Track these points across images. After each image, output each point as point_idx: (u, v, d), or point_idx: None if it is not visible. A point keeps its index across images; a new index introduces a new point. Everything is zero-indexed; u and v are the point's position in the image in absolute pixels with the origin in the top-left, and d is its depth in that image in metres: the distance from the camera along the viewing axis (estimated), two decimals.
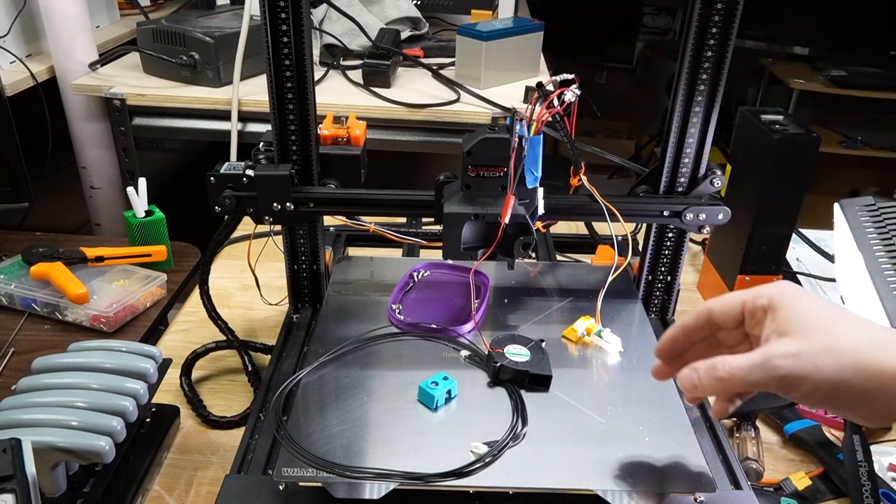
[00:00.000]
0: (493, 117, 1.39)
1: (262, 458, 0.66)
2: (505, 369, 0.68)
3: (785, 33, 3.21)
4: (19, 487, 0.51)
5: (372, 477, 0.57)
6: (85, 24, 1.45)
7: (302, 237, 0.84)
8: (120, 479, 0.68)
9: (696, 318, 0.54)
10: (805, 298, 0.48)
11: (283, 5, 0.70)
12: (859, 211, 0.86)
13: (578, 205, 0.79)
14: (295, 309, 0.90)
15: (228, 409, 0.81)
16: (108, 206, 1.60)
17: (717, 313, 0.52)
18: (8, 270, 1.07)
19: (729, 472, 0.67)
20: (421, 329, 0.76)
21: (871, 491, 0.67)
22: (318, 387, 0.68)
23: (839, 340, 0.45)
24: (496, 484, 0.58)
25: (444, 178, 0.75)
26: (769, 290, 0.50)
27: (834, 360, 0.44)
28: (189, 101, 1.41)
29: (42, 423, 0.60)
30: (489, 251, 0.72)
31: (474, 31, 1.46)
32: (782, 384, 0.46)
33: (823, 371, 0.44)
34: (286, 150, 0.78)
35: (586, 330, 0.76)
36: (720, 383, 0.48)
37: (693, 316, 0.54)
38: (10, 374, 0.92)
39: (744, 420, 0.80)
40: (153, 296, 1.08)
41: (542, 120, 0.68)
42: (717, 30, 0.72)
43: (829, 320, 0.46)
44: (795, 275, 1.10)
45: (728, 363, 0.47)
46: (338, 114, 0.83)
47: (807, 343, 0.46)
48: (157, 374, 0.68)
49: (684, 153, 0.79)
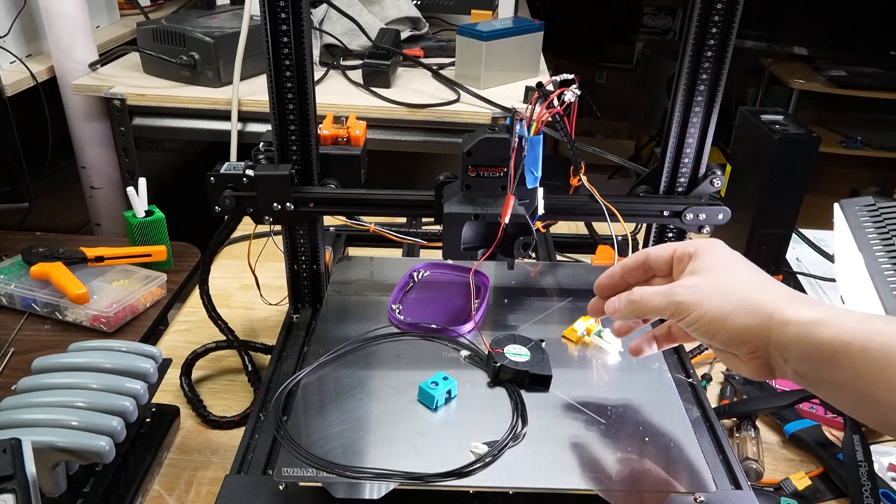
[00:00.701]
0: (493, 117, 1.39)
1: (262, 458, 0.66)
2: (505, 369, 0.68)
3: (785, 33, 3.21)
4: (19, 487, 0.51)
5: (372, 477, 0.57)
6: (85, 24, 1.45)
7: (302, 237, 0.84)
8: (120, 479, 0.68)
9: (633, 258, 0.60)
10: (723, 250, 0.55)
11: (283, 5, 0.70)
12: (859, 211, 0.86)
13: (578, 205, 0.79)
14: (295, 309, 0.90)
15: (228, 409, 0.81)
16: (108, 206, 1.60)
17: (653, 256, 0.59)
18: (8, 270, 1.07)
19: (729, 472, 0.67)
20: (421, 329, 0.76)
21: (871, 491, 0.67)
22: (318, 387, 0.68)
23: (732, 280, 0.52)
24: (496, 484, 0.58)
25: (444, 178, 0.75)
26: (697, 242, 0.57)
27: (722, 293, 0.51)
28: (189, 101, 1.41)
29: (42, 423, 0.60)
30: (489, 251, 0.72)
31: (474, 31, 1.46)
32: (677, 309, 0.53)
33: (711, 302, 0.51)
34: (286, 150, 0.78)
35: (586, 330, 0.76)
36: (632, 304, 0.56)
37: (632, 257, 0.61)
38: (10, 374, 0.92)
39: (744, 420, 0.80)
40: (153, 296, 1.08)
41: (542, 120, 0.68)
42: (717, 30, 0.72)
43: (734, 267, 0.53)
44: (795, 275, 1.10)
45: (642, 290, 0.56)
46: (338, 114, 0.83)
47: (705, 279, 0.53)
48: (157, 374, 0.68)
49: (684, 153, 0.79)
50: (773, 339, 0.49)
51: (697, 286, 0.52)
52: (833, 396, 0.48)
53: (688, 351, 0.87)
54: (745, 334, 0.50)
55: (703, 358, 0.93)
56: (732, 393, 0.86)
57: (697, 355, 0.92)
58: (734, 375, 0.89)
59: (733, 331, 0.50)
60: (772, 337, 0.49)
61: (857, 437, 0.70)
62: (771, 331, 0.49)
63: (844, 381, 0.46)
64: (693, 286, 0.53)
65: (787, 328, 0.48)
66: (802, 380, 0.49)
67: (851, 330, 0.45)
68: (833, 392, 0.48)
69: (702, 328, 0.52)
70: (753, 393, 0.85)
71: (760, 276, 0.53)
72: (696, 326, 0.52)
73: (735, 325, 0.50)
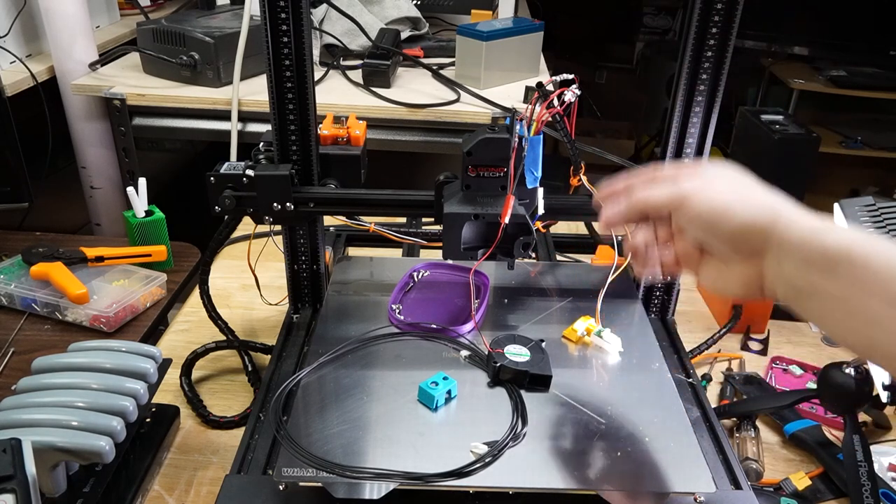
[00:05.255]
0: (493, 117, 1.39)
1: (262, 458, 0.66)
2: (505, 369, 0.68)
3: (785, 33, 3.21)
4: (19, 487, 0.51)
5: (372, 477, 0.57)
6: (85, 24, 1.45)
7: (302, 237, 0.84)
8: (120, 479, 0.68)
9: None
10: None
11: (283, 5, 0.70)
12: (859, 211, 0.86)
13: (578, 205, 0.79)
14: (295, 309, 0.90)
15: (228, 409, 0.81)
16: (108, 206, 1.59)
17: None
18: (8, 270, 1.07)
19: (729, 472, 0.67)
20: (421, 329, 0.76)
21: (871, 491, 0.67)
22: (318, 387, 0.68)
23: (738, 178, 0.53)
24: (496, 484, 0.58)
25: (444, 178, 0.75)
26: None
27: (729, 185, 0.52)
28: (189, 101, 1.41)
29: (42, 423, 0.60)
30: (489, 251, 0.72)
31: (474, 31, 1.46)
32: (684, 199, 0.52)
33: (717, 191, 0.52)
34: (286, 150, 0.78)
35: (586, 330, 0.76)
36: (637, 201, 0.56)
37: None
38: (10, 374, 0.92)
39: (744, 420, 0.80)
40: (153, 296, 1.08)
41: (542, 120, 0.68)
42: (717, 30, 0.72)
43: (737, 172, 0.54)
44: None
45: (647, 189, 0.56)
46: (338, 114, 0.83)
47: (710, 173, 0.54)
48: (157, 374, 0.68)
49: (684, 153, 0.79)
50: (775, 238, 0.49)
51: (703, 176, 0.53)
52: (820, 311, 0.47)
53: (688, 351, 0.87)
54: (749, 229, 0.50)
55: (703, 358, 0.93)
56: (732, 393, 0.86)
57: (697, 355, 0.92)
58: (734, 375, 0.89)
59: (738, 224, 0.50)
60: (774, 236, 0.49)
61: (857, 437, 0.70)
62: (775, 228, 0.49)
63: (839, 293, 0.45)
64: (699, 176, 0.53)
65: (792, 228, 0.48)
66: (792, 290, 0.48)
67: (855, 238, 0.45)
68: (822, 306, 0.46)
69: (706, 219, 0.51)
70: (753, 393, 0.85)
71: (764, 184, 0.53)
72: (701, 218, 0.52)
73: (741, 217, 0.50)
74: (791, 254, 0.48)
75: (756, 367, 0.92)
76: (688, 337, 0.92)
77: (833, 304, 0.46)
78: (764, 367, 0.92)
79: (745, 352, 0.96)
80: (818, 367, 0.91)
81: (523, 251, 0.72)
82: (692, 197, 0.52)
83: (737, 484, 0.65)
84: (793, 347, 0.97)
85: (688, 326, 0.99)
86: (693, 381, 0.80)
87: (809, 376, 0.91)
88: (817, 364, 0.92)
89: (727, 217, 0.51)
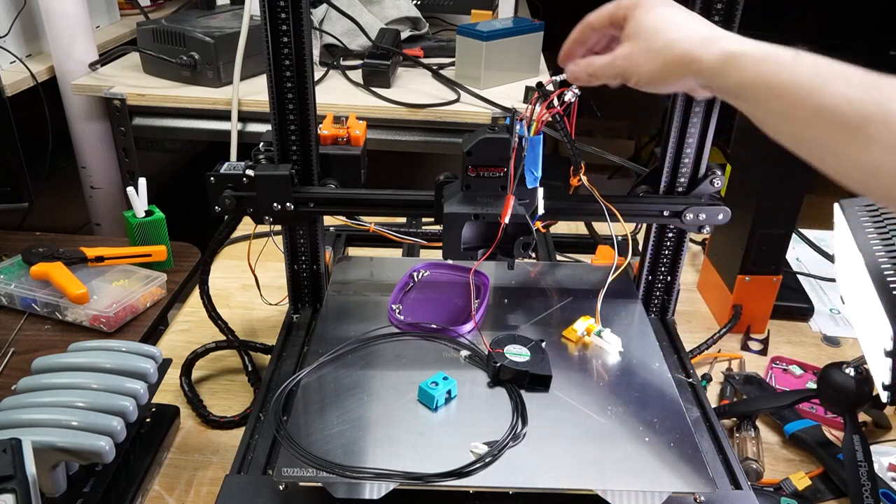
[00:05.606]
0: (493, 117, 1.39)
1: (262, 458, 0.66)
2: (505, 369, 0.68)
3: (785, 33, 3.20)
4: (19, 487, 0.51)
5: (372, 477, 0.57)
6: (85, 24, 1.45)
7: (302, 237, 0.84)
8: (120, 479, 0.68)
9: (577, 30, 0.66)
10: (653, 7, 0.59)
11: (283, 5, 0.70)
12: (859, 211, 0.86)
13: (578, 205, 0.79)
14: (295, 309, 0.90)
15: (228, 409, 0.81)
16: (108, 206, 1.60)
17: (594, 18, 0.64)
18: (8, 270, 1.07)
19: (729, 472, 0.67)
20: (421, 329, 0.76)
21: (871, 491, 0.67)
22: (318, 387, 0.68)
23: (656, 41, 0.58)
24: (496, 484, 0.58)
25: (444, 178, 0.75)
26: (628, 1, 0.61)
27: (650, 57, 0.58)
28: (189, 101, 1.41)
29: (42, 423, 0.60)
30: (489, 251, 0.72)
31: (474, 31, 1.46)
32: (623, 76, 0.61)
33: (642, 68, 0.59)
34: (286, 150, 0.78)
35: (586, 330, 0.76)
36: (589, 76, 0.64)
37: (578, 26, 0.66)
38: (10, 374, 0.92)
39: (744, 420, 0.80)
40: (153, 296, 1.08)
41: (542, 120, 0.68)
42: None
43: (659, 27, 0.58)
44: (795, 275, 1.10)
45: (593, 60, 0.63)
46: (338, 114, 0.83)
47: (636, 46, 0.59)
48: (157, 374, 0.68)
49: (684, 153, 0.79)
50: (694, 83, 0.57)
51: (630, 55, 0.60)
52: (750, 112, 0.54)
53: (688, 351, 0.87)
54: (674, 83, 0.59)
55: (703, 358, 0.93)
56: (732, 393, 0.86)
57: (697, 355, 0.92)
58: (734, 375, 0.89)
59: (667, 84, 0.59)
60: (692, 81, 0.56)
61: (857, 437, 0.70)
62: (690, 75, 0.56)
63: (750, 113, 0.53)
64: (627, 56, 0.60)
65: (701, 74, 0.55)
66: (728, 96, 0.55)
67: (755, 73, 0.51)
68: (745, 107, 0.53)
69: (642, 88, 0.60)
70: (753, 393, 0.85)
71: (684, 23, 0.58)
72: (641, 86, 0.60)
73: (666, 81, 0.58)
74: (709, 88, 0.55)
75: (756, 367, 0.92)
76: (688, 337, 0.92)
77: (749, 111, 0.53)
78: (764, 367, 0.92)
79: (745, 352, 0.96)
80: (818, 367, 0.91)
81: (523, 251, 0.72)
82: (626, 77, 0.60)
83: (737, 484, 0.65)
84: (793, 347, 0.97)
85: (688, 326, 1.00)
86: (693, 381, 0.80)
87: (809, 376, 0.91)
88: (817, 364, 0.92)
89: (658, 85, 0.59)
